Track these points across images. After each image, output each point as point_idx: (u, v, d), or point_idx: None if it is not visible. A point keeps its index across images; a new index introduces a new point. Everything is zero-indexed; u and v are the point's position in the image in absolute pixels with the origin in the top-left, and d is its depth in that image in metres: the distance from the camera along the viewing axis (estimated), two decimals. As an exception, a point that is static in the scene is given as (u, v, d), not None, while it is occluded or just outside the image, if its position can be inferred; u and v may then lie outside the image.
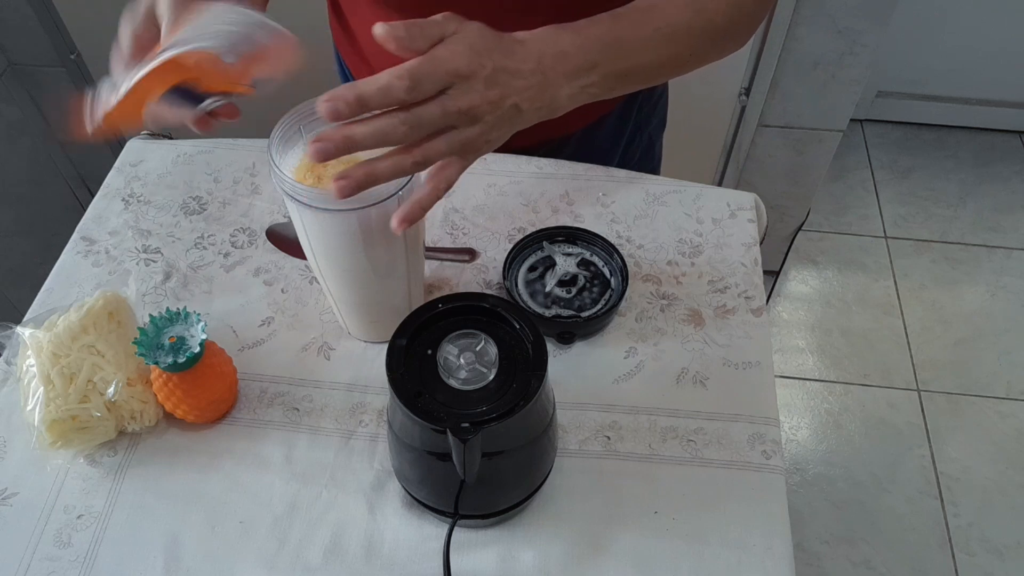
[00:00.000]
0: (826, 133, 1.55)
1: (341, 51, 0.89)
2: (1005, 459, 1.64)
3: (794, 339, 1.85)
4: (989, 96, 2.18)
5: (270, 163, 0.54)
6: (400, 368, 0.51)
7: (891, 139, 2.25)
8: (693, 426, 0.65)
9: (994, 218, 2.07)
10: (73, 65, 1.50)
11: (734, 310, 0.73)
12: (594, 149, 0.88)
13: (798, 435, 1.69)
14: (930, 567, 1.51)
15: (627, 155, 0.92)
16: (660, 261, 0.76)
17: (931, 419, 1.70)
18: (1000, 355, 1.80)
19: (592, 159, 0.84)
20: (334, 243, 0.58)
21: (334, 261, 0.60)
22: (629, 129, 0.90)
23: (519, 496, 0.58)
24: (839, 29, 1.37)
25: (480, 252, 0.76)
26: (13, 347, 0.65)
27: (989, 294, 1.92)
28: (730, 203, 0.80)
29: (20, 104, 1.53)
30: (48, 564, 0.58)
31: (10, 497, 0.61)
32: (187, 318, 0.61)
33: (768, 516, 0.61)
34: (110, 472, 0.62)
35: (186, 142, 0.85)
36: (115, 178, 0.82)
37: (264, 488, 0.62)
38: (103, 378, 0.61)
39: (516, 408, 0.49)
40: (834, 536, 1.54)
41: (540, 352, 0.52)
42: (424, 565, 0.58)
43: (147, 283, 0.74)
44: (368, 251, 0.58)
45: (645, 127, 0.92)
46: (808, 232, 2.01)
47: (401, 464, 0.58)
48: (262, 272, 0.75)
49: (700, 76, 1.51)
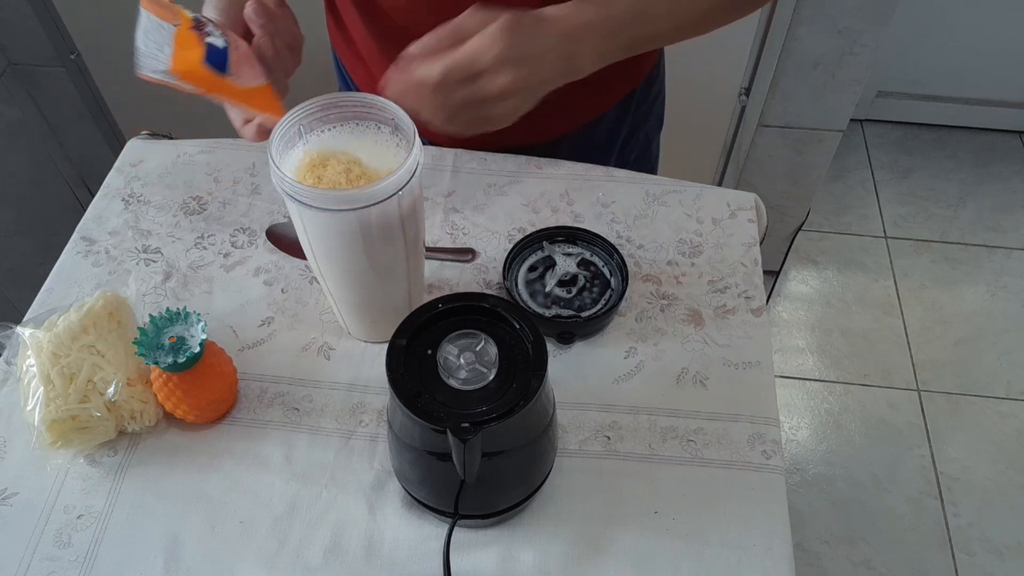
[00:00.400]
0: (826, 133, 1.55)
1: (339, 52, 0.89)
2: (1005, 459, 1.64)
3: (794, 339, 1.85)
4: (989, 96, 2.18)
5: (270, 163, 0.55)
6: (400, 368, 0.51)
7: (891, 139, 2.25)
8: (693, 426, 0.65)
9: (994, 218, 2.07)
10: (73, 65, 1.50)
11: (734, 310, 0.73)
12: (591, 148, 0.88)
13: (798, 435, 1.69)
14: (930, 567, 1.51)
15: (624, 154, 0.92)
16: (660, 261, 0.76)
17: (931, 419, 1.70)
18: (1000, 355, 1.80)
19: (589, 157, 0.84)
20: (334, 243, 0.58)
21: (334, 261, 0.60)
22: (626, 128, 0.90)
23: (519, 496, 0.58)
24: (839, 29, 1.37)
25: (480, 252, 0.76)
26: (13, 347, 0.65)
27: (989, 294, 1.92)
28: (730, 203, 0.80)
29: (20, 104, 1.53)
30: (48, 564, 0.58)
31: (10, 497, 0.61)
32: (187, 318, 0.61)
33: (768, 516, 0.61)
34: (110, 472, 0.62)
35: (186, 142, 0.85)
36: (115, 178, 0.82)
37: (264, 488, 0.62)
38: (103, 378, 0.61)
39: (516, 408, 0.49)
40: (834, 536, 1.54)
41: (540, 352, 0.52)
42: (424, 565, 0.58)
43: (147, 283, 0.74)
44: (368, 251, 0.58)
45: (642, 125, 0.92)
46: (808, 232, 2.01)
47: (401, 464, 0.58)
48: (262, 272, 0.75)
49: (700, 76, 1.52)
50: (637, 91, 0.87)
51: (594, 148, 0.88)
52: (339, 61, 0.91)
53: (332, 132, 0.60)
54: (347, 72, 0.89)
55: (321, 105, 0.58)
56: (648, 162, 0.98)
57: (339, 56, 0.90)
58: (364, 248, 0.58)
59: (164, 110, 1.53)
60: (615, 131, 0.89)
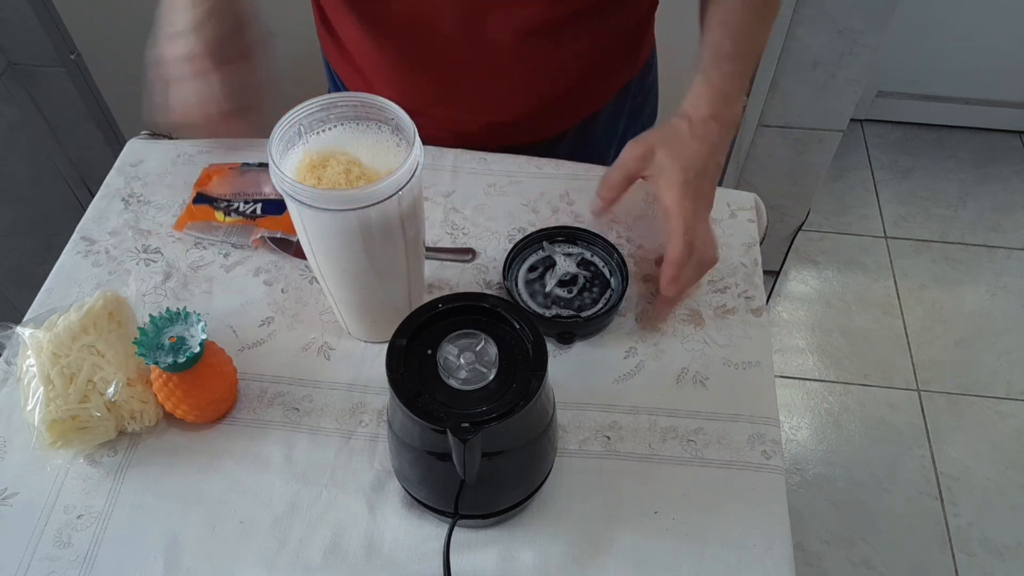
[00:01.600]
0: (826, 133, 1.55)
1: (330, 60, 0.89)
2: (1005, 459, 1.64)
3: (794, 339, 1.85)
4: (989, 96, 2.18)
5: (270, 163, 0.54)
6: (400, 368, 0.51)
7: (891, 139, 2.25)
8: (693, 426, 0.65)
9: (994, 218, 2.07)
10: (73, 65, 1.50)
11: (734, 310, 0.73)
12: (591, 142, 0.88)
13: (798, 435, 1.69)
14: (930, 567, 1.51)
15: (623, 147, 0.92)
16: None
17: (931, 419, 1.70)
18: (1000, 355, 1.80)
19: (589, 152, 0.84)
20: (334, 243, 0.58)
21: (334, 261, 0.60)
22: (624, 120, 0.90)
23: (519, 496, 0.58)
24: (839, 29, 1.37)
25: (480, 252, 0.76)
26: (13, 347, 0.65)
27: (989, 294, 1.92)
28: (730, 203, 0.80)
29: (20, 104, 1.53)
30: (48, 564, 0.58)
31: (10, 497, 0.61)
32: (187, 318, 0.61)
33: (768, 516, 0.61)
34: (110, 472, 0.62)
35: (186, 142, 0.85)
36: (115, 178, 0.82)
37: (264, 488, 0.62)
38: (103, 378, 0.61)
39: (516, 408, 0.49)
40: (834, 536, 1.54)
41: (540, 352, 0.52)
42: (424, 565, 0.58)
43: (147, 283, 0.74)
44: (368, 251, 0.58)
45: (639, 116, 0.93)
46: (808, 232, 2.01)
47: (401, 464, 0.58)
48: (262, 272, 0.75)
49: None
50: (634, 80, 0.87)
51: (594, 143, 0.88)
52: (331, 67, 0.90)
53: (332, 132, 0.60)
54: (339, 78, 0.88)
55: (321, 105, 0.58)
56: None
57: (330, 63, 0.89)
58: (364, 248, 0.58)
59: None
60: (614, 124, 0.89)
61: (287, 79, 0.68)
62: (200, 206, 0.78)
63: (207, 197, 0.78)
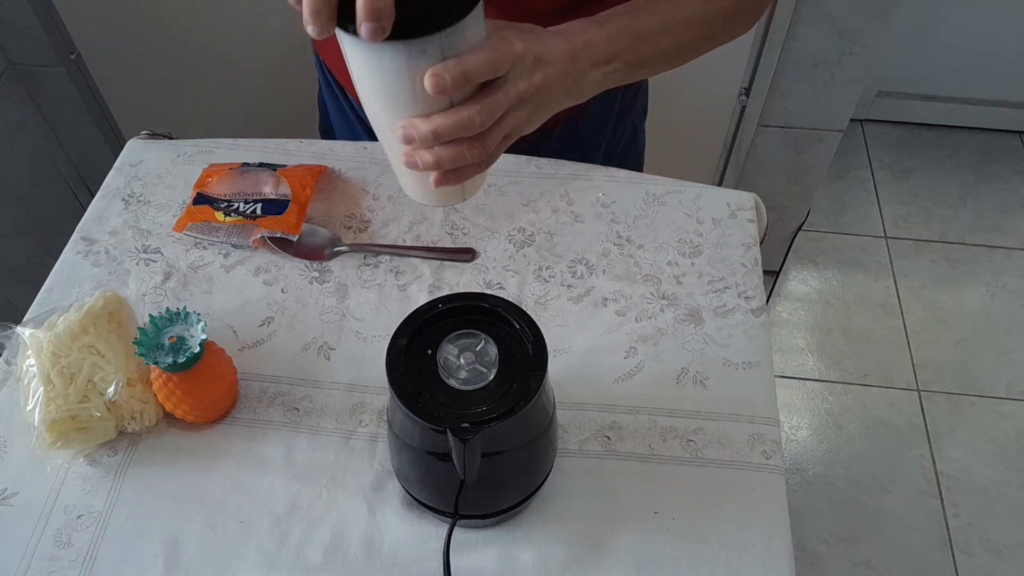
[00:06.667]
0: (826, 133, 1.55)
1: (321, 53, 0.88)
2: (1005, 459, 1.64)
3: (794, 339, 1.85)
4: (989, 96, 2.18)
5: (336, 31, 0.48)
6: (400, 368, 0.51)
7: (891, 139, 2.25)
8: (693, 426, 0.65)
9: (994, 218, 2.07)
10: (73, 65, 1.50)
11: (734, 310, 0.73)
12: (579, 140, 0.88)
13: (798, 435, 1.69)
14: (930, 567, 1.51)
15: (612, 144, 0.91)
16: (660, 261, 0.76)
17: (931, 419, 1.70)
18: (1000, 355, 1.80)
19: (578, 150, 0.84)
20: (393, 85, 0.51)
21: (391, 111, 0.53)
22: (613, 118, 0.89)
23: (519, 496, 0.58)
24: (839, 29, 1.37)
25: (480, 252, 0.76)
26: (13, 347, 0.65)
27: (989, 294, 1.92)
28: (730, 203, 0.80)
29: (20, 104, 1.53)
30: (48, 564, 0.58)
31: (10, 497, 0.61)
32: (187, 318, 0.61)
33: (768, 516, 0.61)
34: (110, 472, 0.62)
35: (186, 142, 0.85)
36: (115, 178, 0.82)
37: (264, 488, 0.62)
38: (103, 378, 0.61)
39: (516, 408, 0.49)
40: (834, 536, 1.54)
41: (540, 352, 0.52)
42: (424, 565, 0.58)
43: (147, 283, 0.74)
44: (423, 96, 0.51)
45: (628, 114, 0.92)
46: (808, 232, 2.01)
47: (401, 464, 0.58)
48: (262, 272, 0.75)
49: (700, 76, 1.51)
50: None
51: (583, 140, 0.88)
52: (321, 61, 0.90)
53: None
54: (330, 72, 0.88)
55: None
56: (636, 152, 0.97)
57: (321, 55, 0.89)
58: (421, 93, 0.50)
59: (164, 110, 1.53)
60: (603, 122, 0.88)
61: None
62: (200, 206, 0.77)
63: (207, 197, 0.78)
